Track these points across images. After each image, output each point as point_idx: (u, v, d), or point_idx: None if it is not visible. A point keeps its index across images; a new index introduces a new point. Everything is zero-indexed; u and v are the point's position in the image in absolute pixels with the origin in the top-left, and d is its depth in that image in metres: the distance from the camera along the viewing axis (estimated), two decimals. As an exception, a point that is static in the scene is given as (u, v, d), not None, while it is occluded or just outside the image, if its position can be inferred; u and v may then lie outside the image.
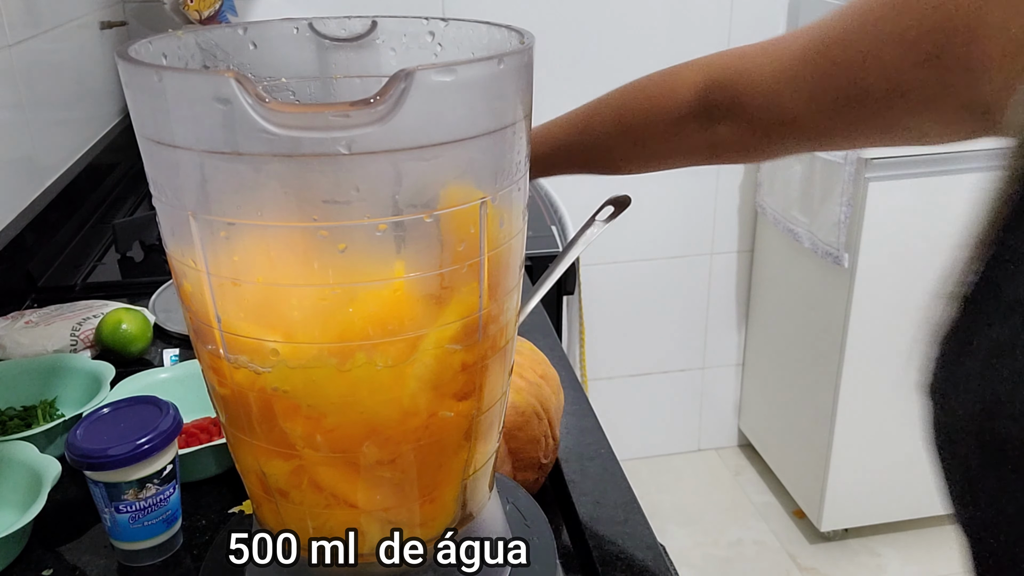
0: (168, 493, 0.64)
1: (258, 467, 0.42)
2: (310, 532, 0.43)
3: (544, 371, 0.73)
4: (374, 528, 0.43)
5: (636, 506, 0.68)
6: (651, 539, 0.65)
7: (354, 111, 0.29)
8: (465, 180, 0.35)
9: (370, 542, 0.43)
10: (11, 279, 1.08)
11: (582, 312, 1.85)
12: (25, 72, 1.22)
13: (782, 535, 2.07)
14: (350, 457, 0.40)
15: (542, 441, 0.67)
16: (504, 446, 0.65)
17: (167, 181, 0.35)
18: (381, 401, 0.38)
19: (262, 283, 0.35)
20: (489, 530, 0.47)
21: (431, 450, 0.41)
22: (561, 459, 0.74)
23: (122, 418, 0.63)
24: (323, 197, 0.32)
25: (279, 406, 0.38)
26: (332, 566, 0.43)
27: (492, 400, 0.42)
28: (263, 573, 0.46)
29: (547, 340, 0.95)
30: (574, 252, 0.46)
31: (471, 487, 0.44)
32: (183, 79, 0.30)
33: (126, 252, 1.22)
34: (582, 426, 0.79)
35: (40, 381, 0.84)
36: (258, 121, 0.29)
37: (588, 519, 0.67)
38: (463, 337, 0.38)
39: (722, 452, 2.42)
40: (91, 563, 0.66)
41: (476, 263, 0.37)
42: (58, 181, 1.29)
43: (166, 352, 0.93)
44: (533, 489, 0.69)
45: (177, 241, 0.36)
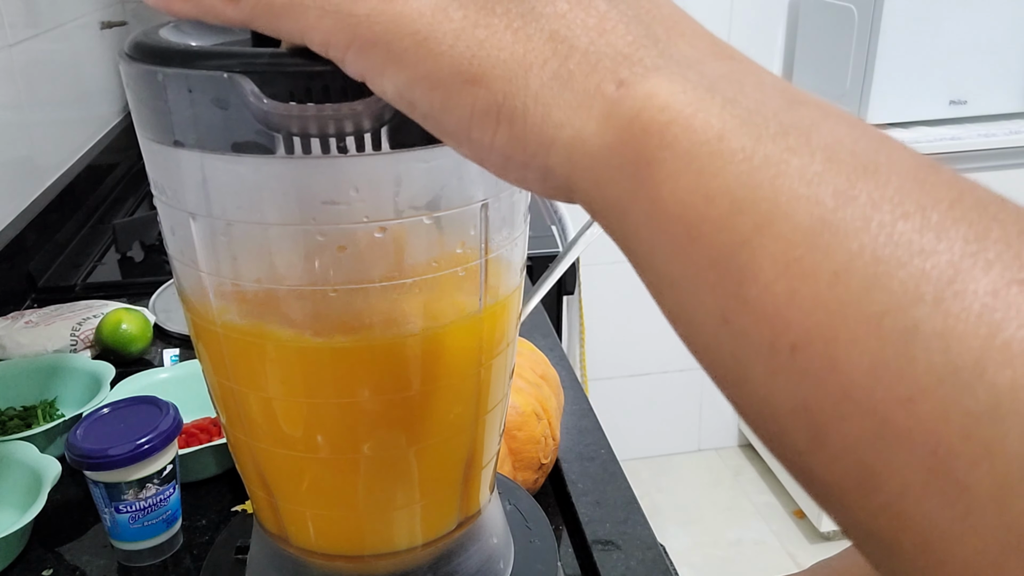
0: (168, 493, 0.64)
1: (258, 467, 0.42)
2: (310, 532, 0.43)
3: (544, 371, 0.73)
4: (375, 529, 0.43)
5: (636, 506, 0.68)
6: (651, 539, 0.65)
7: (354, 111, 0.29)
8: (465, 182, 0.35)
9: (370, 543, 0.43)
10: (11, 279, 1.08)
11: (582, 312, 1.86)
12: (25, 72, 1.22)
13: (782, 535, 2.07)
14: (350, 457, 0.40)
15: (542, 441, 0.67)
16: (504, 446, 0.65)
17: (167, 181, 0.35)
18: (382, 402, 0.38)
19: (262, 283, 0.35)
20: (490, 531, 0.47)
21: (432, 451, 0.41)
22: (561, 459, 0.74)
23: (122, 418, 0.63)
24: (322, 198, 0.32)
25: (279, 405, 0.38)
26: (332, 567, 0.43)
27: (494, 402, 0.42)
28: (264, 573, 0.46)
29: (547, 340, 0.95)
30: (574, 252, 0.46)
31: (472, 488, 0.44)
32: (184, 79, 0.30)
33: (126, 252, 1.22)
34: (582, 426, 0.79)
35: (40, 381, 0.84)
36: (257, 121, 0.29)
37: (588, 519, 0.67)
38: (463, 338, 0.39)
39: (722, 452, 2.42)
40: (91, 563, 0.66)
41: (476, 266, 0.37)
42: (58, 181, 1.29)
43: (166, 352, 0.93)
44: (533, 489, 0.69)
45: (177, 241, 0.36)
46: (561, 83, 0.23)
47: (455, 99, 0.24)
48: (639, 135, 0.21)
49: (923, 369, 0.18)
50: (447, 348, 0.38)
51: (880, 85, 1.78)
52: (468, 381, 0.40)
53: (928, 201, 0.19)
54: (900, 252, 0.18)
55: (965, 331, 0.17)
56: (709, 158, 0.20)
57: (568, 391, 0.82)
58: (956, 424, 0.17)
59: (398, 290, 0.35)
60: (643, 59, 0.22)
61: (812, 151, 0.20)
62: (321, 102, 0.29)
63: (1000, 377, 0.17)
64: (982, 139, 1.80)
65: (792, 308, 0.19)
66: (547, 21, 0.23)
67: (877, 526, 0.19)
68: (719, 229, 0.20)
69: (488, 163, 0.25)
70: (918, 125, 1.85)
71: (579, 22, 0.23)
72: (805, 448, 0.20)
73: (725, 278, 0.20)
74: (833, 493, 0.20)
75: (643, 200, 0.22)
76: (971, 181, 0.20)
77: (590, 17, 0.23)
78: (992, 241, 0.18)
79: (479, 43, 0.23)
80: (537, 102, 0.23)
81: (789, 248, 0.19)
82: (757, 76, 0.22)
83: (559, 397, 0.75)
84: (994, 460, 0.17)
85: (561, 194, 0.24)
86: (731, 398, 0.22)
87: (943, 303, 0.18)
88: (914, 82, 1.79)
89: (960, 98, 1.83)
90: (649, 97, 0.22)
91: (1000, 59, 1.80)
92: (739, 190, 0.20)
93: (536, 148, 0.23)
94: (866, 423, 0.18)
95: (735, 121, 0.21)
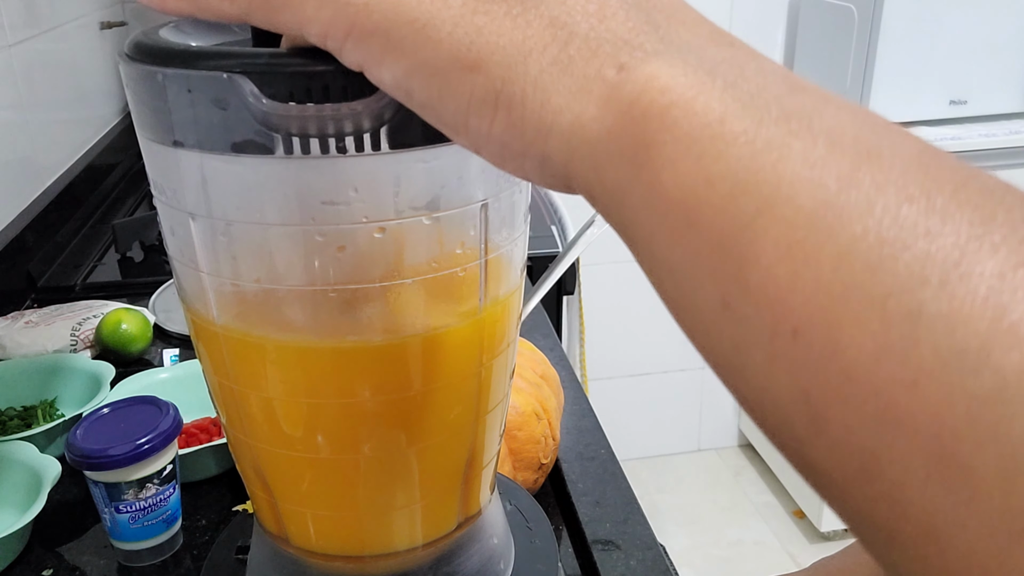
0: (168, 493, 0.64)
1: (258, 467, 0.42)
2: (311, 532, 0.43)
3: (544, 371, 0.73)
4: (375, 529, 0.43)
5: (636, 506, 0.68)
6: (651, 539, 0.65)
7: (353, 111, 0.29)
8: (465, 182, 0.35)
9: (371, 543, 0.43)
10: (11, 279, 1.08)
11: (582, 312, 1.85)
12: (25, 72, 1.22)
13: (782, 535, 2.07)
14: (351, 458, 0.40)
15: (542, 441, 0.67)
16: (504, 446, 0.65)
17: (167, 181, 0.35)
18: (382, 402, 0.38)
19: (262, 284, 0.35)
20: (490, 531, 0.47)
21: (432, 452, 0.41)
22: (561, 459, 0.74)
23: (122, 418, 0.63)
24: (321, 198, 0.32)
25: (279, 405, 0.38)
26: (332, 567, 0.43)
27: (494, 402, 0.42)
28: (264, 573, 0.46)
29: (547, 340, 0.95)
30: (574, 252, 0.46)
31: (472, 488, 0.44)
32: (184, 79, 0.30)
33: (126, 252, 1.22)
34: (582, 426, 0.79)
35: (40, 381, 0.84)
36: (256, 121, 0.29)
37: (588, 519, 0.67)
38: (463, 339, 0.39)
39: (722, 452, 2.42)
40: (91, 563, 0.66)
41: (476, 266, 0.37)
42: (58, 181, 1.29)
43: (166, 352, 0.93)
44: (533, 489, 0.69)
45: (177, 241, 0.36)
46: (561, 69, 0.23)
47: (453, 86, 0.24)
48: (639, 118, 0.21)
49: (928, 352, 0.17)
50: (447, 348, 0.38)
51: (880, 85, 1.78)
52: (468, 381, 0.40)
53: (933, 185, 0.19)
54: (905, 234, 0.18)
55: (971, 314, 0.17)
56: (710, 141, 0.20)
57: (568, 391, 0.82)
58: (961, 408, 0.17)
59: (398, 290, 0.35)
60: (643, 44, 0.22)
61: (815, 135, 0.20)
62: (321, 102, 0.29)
63: (1006, 360, 0.17)
64: (982, 139, 1.80)
65: (794, 292, 0.19)
66: (547, 7, 0.23)
67: (878, 514, 0.19)
68: (720, 213, 0.20)
69: (486, 151, 0.25)
70: (918, 125, 1.85)
71: (579, 8, 0.23)
72: (805, 435, 0.20)
73: (726, 262, 0.20)
74: (834, 481, 0.20)
75: (643, 184, 0.21)
76: (975, 168, 0.20)
77: (590, 3, 0.23)
78: (998, 224, 0.18)
79: (478, 30, 0.23)
80: (536, 88, 0.23)
81: (791, 231, 0.19)
82: (758, 62, 0.22)
83: (559, 397, 0.75)
84: (999, 444, 0.17)
85: (559, 182, 0.24)
86: (731, 386, 0.22)
87: (948, 285, 0.17)
88: (914, 82, 1.79)
89: (960, 98, 1.83)
90: (649, 80, 0.21)
91: (1000, 59, 1.80)
92: (740, 173, 0.20)
93: (535, 135, 0.23)
94: (868, 408, 0.18)
95: (736, 104, 0.21)
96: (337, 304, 0.35)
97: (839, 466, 0.19)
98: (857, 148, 0.20)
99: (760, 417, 0.21)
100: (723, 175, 0.20)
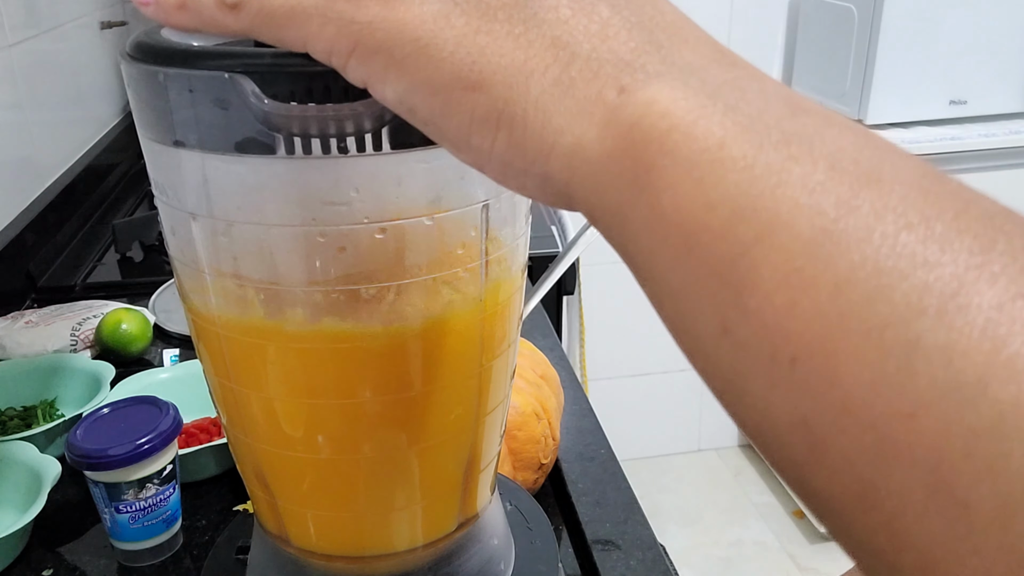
0: (168, 493, 0.64)
1: (258, 467, 0.42)
2: (311, 532, 0.43)
3: (544, 371, 0.73)
4: (375, 529, 0.43)
5: (636, 506, 0.68)
6: (651, 539, 0.65)
7: (355, 111, 0.29)
8: (466, 183, 0.35)
9: (371, 543, 0.43)
10: (11, 279, 1.08)
11: (582, 312, 1.85)
12: (25, 72, 1.22)
13: (782, 535, 2.07)
14: (351, 458, 0.40)
15: (542, 441, 0.67)
16: (504, 446, 0.65)
17: (168, 181, 0.35)
18: (383, 402, 0.38)
19: (262, 284, 0.35)
20: (490, 532, 0.47)
21: (433, 452, 0.41)
22: (561, 459, 0.74)
23: (122, 418, 0.63)
24: (323, 198, 0.32)
25: (280, 405, 0.38)
26: (332, 567, 0.43)
27: (494, 403, 0.42)
28: (264, 573, 0.46)
29: (547, 340, 0.95)
30: (574, 252, 0.46)
31: (473, 489, 0.44)
32: (185, 79, 0.30)
33: (126, 252, 1.22)
34: (582, 426, 0.79)
35: (40, 381, 0.84)
36: (258, 121, 0.29)
37: (588, 519, 0.67)
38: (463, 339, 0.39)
39: (722, 452, 2.42)
40: (91, 563, 0.66)
41: (477, 266, 0.37)
42: (58, 181, 1.29)
43: (166, 352, 0.93)
44: (533, 489, 0.69)
45: (178, 241, 0.36)
46: (562, 90, 0.23)
47: (455, 105, 0.24)
48: (639, 142, 0.21)
49: (925, 384, 0.17)
50: (448, 349, 0.38)
51: (880, 85, 1.78)
52: (469, 382, 0.40)
53: (932, 212, 0.19)
54: (903, 264, 0.18)
55: (968, 345, 0.17)
56: (710, 166, 0.20)
57: (568, 391, 0.82)
58: (958, 441, 0.17)
59: (399, 291, 0.35)
60: (645, 65, 0.22)
61: (815, 160, 0.20)
62: (322, 102, 0.29)
63: (1004, 393, 0.17)
64: (982, 139, 1.80)
65: (792, 319, 0.19)
66: (549, 27, 0.23)
67: (877, 543, 0.19)
68: (719, 238, 0.20)
69: (488, 169, 0.25)
70: (918, 125, 1.85)
71: (581, 28, 0.23)
72: (804, 462, 0.20)
73: (725, 288, 0.20)
74: (832, 508, 0.20)
75: (643, 208, 0.21)
76: (977, 192, 0.20)
77: (592, 23, 0.23)
78: (998, 253, 0.18)
79: (480, 49, 0.23)
80: (537, 108, 0.23)
81: (790, 258, 0.19)
82: (760, 83, 0.22)
83: (559, 397, 0.75)
84: (996, 479, 0.17)
85: (561, 201, 0.24)
86: (730, 410, 0.22)
87: (946, 316, 0.17)
88: (914, 82, 1.79)
89: (960, 98, 1.83)
90: (650, 104, 0.21)
91: (1000, 59, 1.80)
92: (740, 199, 0.20)
93: (536, 155, 0.23)
94: (866, 438, 0.18)
95: (737, 128, 0.20)
96: (338, 304, 0.35)
97: (839, 494, 0.19)
98: (857, 172, 0.19)
99: (760, 442, 0.21)
100: (722, 200, 0.20)
